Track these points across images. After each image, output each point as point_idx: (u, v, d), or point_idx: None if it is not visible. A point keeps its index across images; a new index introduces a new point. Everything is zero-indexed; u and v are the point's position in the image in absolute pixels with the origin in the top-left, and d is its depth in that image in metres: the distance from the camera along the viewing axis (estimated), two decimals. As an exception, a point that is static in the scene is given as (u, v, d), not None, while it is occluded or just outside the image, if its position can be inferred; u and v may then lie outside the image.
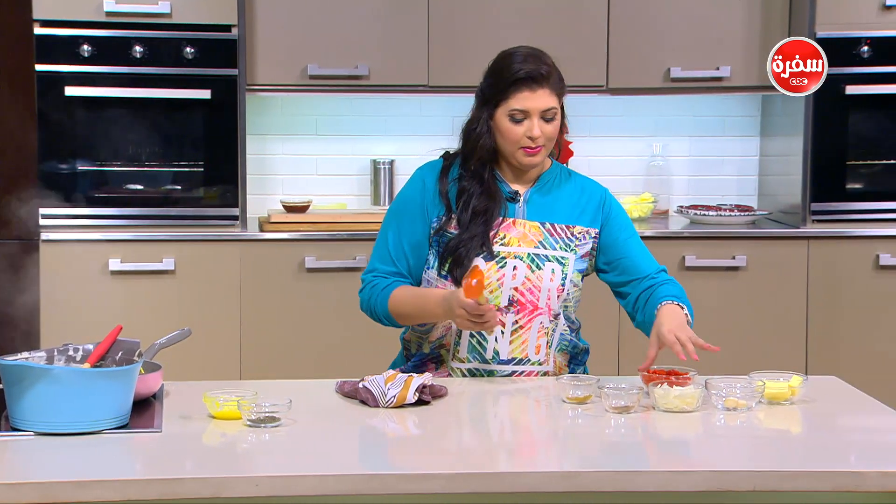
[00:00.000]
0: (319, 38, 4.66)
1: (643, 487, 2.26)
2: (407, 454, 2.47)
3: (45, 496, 2.16)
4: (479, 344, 2.93)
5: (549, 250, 2.95)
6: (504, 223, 2.95)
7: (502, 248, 2.94)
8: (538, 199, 2.98)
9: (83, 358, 2.64)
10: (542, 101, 2.90)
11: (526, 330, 2.93)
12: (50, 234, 4.41)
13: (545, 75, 2.90)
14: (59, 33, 4.38)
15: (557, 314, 2.96)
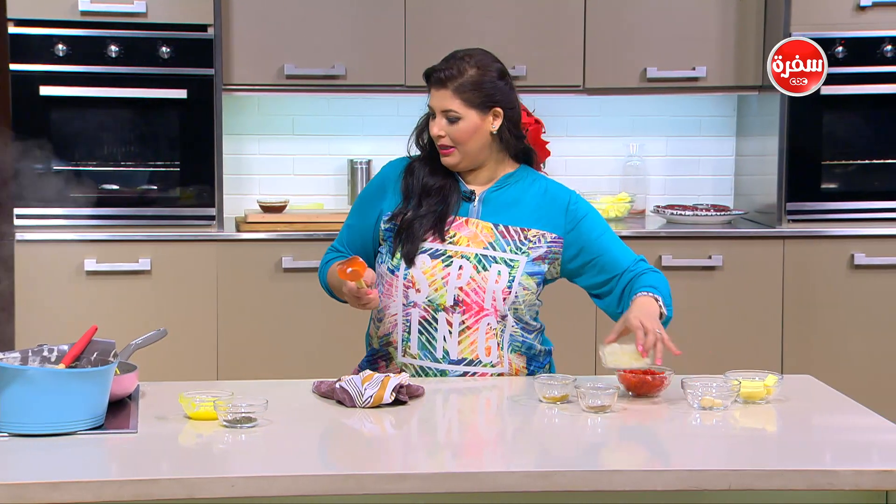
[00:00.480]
0: (296, 37, 4.65)
1: (619, 487, 2.27)
2: (383, 454, 2.47)
3: (18, 497, 2.15)
4: (429, 342, 2.95)
5: (497, 252, 2.95)
6: (457, 222, 2.97)
7: (450, 246, 2.95)
8: (495, 200, 2.99)
9: (58, 359, 2.63)
10: (442, 102, 2.95)
11: (473, 331, 2.94)
12: (25, 235, 4.39)
13: (446, 78, 2.94)
14: (33, 32, 4.36)
15: (505, 316, 2.96)
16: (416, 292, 2.93)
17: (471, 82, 2.94)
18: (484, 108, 2.94)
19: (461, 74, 2.93)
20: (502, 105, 2.97)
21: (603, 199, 4.96)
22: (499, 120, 2.97)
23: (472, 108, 2.93)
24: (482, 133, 2.95)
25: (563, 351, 4.20)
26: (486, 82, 2.95)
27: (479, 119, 2.94)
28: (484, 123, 2.95)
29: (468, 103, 2.93)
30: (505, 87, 2.99)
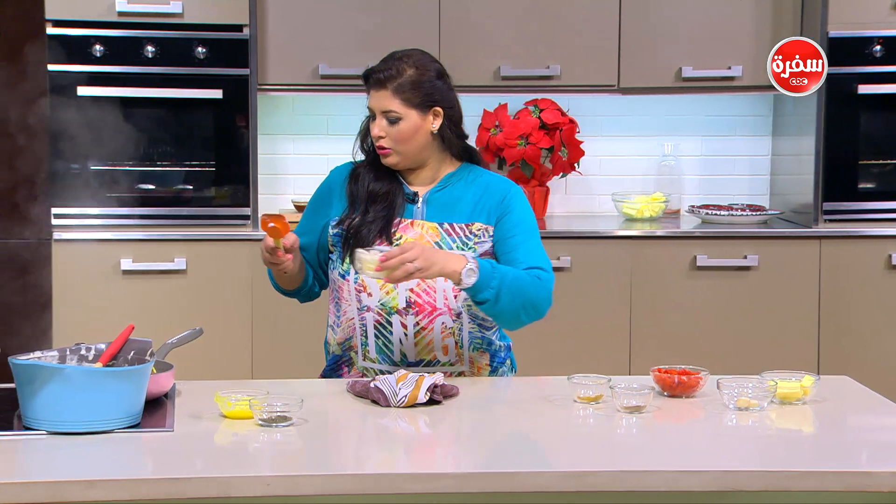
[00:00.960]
0: (330, 37, 4.66)
1: (654, 487, 2.26)
2: (417, 454, 2.47)
3: (55, 495, 2.17)
4: (386, 346, 2.95)
5: (445, 251, 2.93)
6: (402, 224, 2.97)
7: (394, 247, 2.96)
8: (438, 200, 2.99)
9: (95, 357, 2.64)
10: (382, 103, 2.94)
11: (428, 331, 2.94)
12: (62, 234, 4.42)
13: (385, 78, 2.94)
14: (71, 33, 4.39)
15: (460, 313, 2.95)
16: (368, 296, 2.94)
17: (410, 82, 2.93)
18: (424, 107, 2.94)
19: (400, 74, 2.93)
20: (442, 104, 2.96)
21: (637, 199, 4.95)
22: (439, 119, 2.96)
23: (412, 108, 2.93)
24: (423, 133, 2.95)
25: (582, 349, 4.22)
26: (425, 82, 2.94)
27: (420, 119, 2.94)
28: (424, 123, 2.95)
29: (408, 103, 2.93)
30: (444, 86, 2.98)
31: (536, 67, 4.75)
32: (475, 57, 4.73)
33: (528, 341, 4.60)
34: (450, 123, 2.98)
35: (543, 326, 4.58)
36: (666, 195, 4.98)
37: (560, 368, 4.42)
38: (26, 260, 4.35)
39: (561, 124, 4.90)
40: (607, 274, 4.63)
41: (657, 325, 4.64)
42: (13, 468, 2.31)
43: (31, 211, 4.36)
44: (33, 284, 4.35)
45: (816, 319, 4.68)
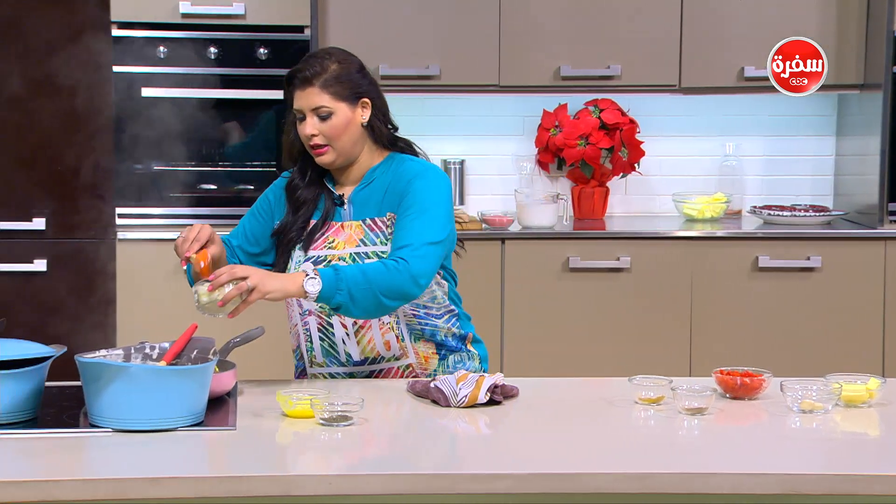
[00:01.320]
0: (391, 38, 4.67)
1: (717, 489, 2.24)
2: (477, 454, 2.47)
3: (120, 493, 2.19)
4: (332, 347, 2.95)
5: (369, 247, 2.93)
6: (333, 227, 2.96)
7: (329, 251, 2.94)
8: (362, 198, 2.98)
9: (159, 356, 2.67)
10: (311, 100, 2.91)
11: (367, 329, 2.93)
12: (126, 234, 4.47)
13: (311, 76, 2.91)
14: (135, 35, 4.44)
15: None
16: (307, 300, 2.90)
17: (335, 76, 2.92)
18: (353, 99, 2.93)
19: (325, 70, 2.91)
20: (369, 96, 2.95)
21: (698, 200, 4.92)
22: (368, 111, 2.95)
23: (341, 100, 2.91)
24: (354, 126, 2.93)
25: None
26: (350, 74, 2.93)
27: (350, 111, 2.93)
28: (355, 115, 2.93)
29: (337, 96, 2.91)
30: (367, 79, 2.98)
31: (597, 67, 4.73)
32: (535, 57, 4.72)
33: (588, 342, 4.60)
34: (378, 114, 2.97)
35: (603, 327, 4.59)
36: (727, 195, 4.94)
37: (620, 369, 4.40)
38: (91, 259, 4.40)
39: (621, 124, 4.87)
40: (667, 275, 4.61)
41: (718, 327, 4.61)
42: (79, 465, 2.34)
43: (96, 211, 4.41)
44: (98, 283, 4.40)
45: (881, 321, 4.62)
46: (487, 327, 4.58)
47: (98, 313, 4.29)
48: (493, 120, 5.07)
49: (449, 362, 3.00)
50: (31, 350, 2.55)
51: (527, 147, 5.05)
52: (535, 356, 4.59)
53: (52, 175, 4.39)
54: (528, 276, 4.59)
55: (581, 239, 4.63)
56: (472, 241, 4.59)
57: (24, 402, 2.50)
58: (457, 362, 3.01)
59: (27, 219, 4.39)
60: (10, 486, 2.17)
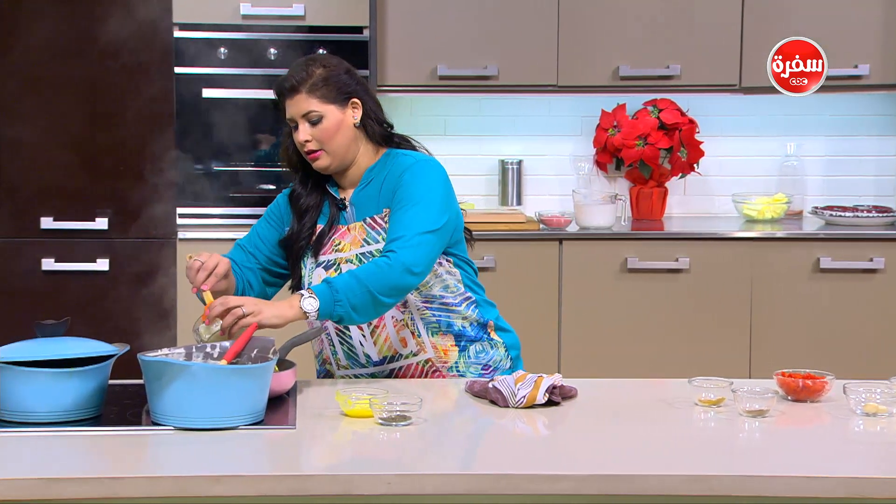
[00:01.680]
0: (449, 38, 4.68)
1: (779, 493, 2.22)
2: (536, 455, 2.47)
3: (182, 490, 2.21)
4: (351, 350, 2.96)
5: (372, 245, 2.92)
6: (340, 231, 2.97)
7: (337, 255, 2.94)
8: (362, 199, 2.97)
9: (220, 355, 2.69)
10: (300, 107, 2.91)
11: (381, 328, 2.93)
12: (186, 233, 4.51)
13: (297, 83, 2.91)
14: (196, 36, 4.48)
15: (405, 302, 2.92)
16: None
17: (322, 79, 2.91)
18: (342, 101, 2.92)
19: (310, 76, 2.91)
20: (358, 95, 2.95)
21: (759, 200, 4.88)
22: (358, 111, 2.94)
23: (330, 103, 2.91)
24: (346, 127, 2.93)
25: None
26: (336, 76, 2.93)
27: (340, 113, 2.92)
28: (346, 117, 2.93)
29: (325, 99, 2.91)
30: (354, 79, 2.96)
31: (656, 67, 4.71)
32: (594, 57, 4.71)
33: (646, 343, 4.57)
34: (370, 113, 2.97)
35: (662, 328, 4.56)
36: (788, 196, 4.90)
37: (678, 371, 4.37)
38: (153, 259, 4.44)
39: (680, 124, 4.85)
40: (727, 276, 4.57)
41: (779, 329, 4.57)
42: (142, 463, 2.37)
43: (157, 211, 4.46)
44: (159, 283, 4.44)
45: (946, 324, 4.56)
46: (545, 328, 4.58)
47: (159, 312, 4.33)
48: (551, 120, 5.06)
49: (470, 353, 2.99)
50: (95, 348, 2.59)
51: (585, 147, 5.04)
52: (593, 357, 4.58)
53: (114, 175, 4.44)
54: (586, 277, 4.58)
55: (639, 240, 4.61)
56: (530, 242, 4.59)
57: (89, 399, 2.54)
58: (479, 352, 3.00)
59: (90, 219, 4.45)
60: (75, 482, 2.20)
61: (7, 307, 4.43)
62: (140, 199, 4.44)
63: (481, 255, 4.54)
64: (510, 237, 4.56)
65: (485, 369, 3.00)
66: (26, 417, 2.49)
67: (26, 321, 2.78)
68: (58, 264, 4.44)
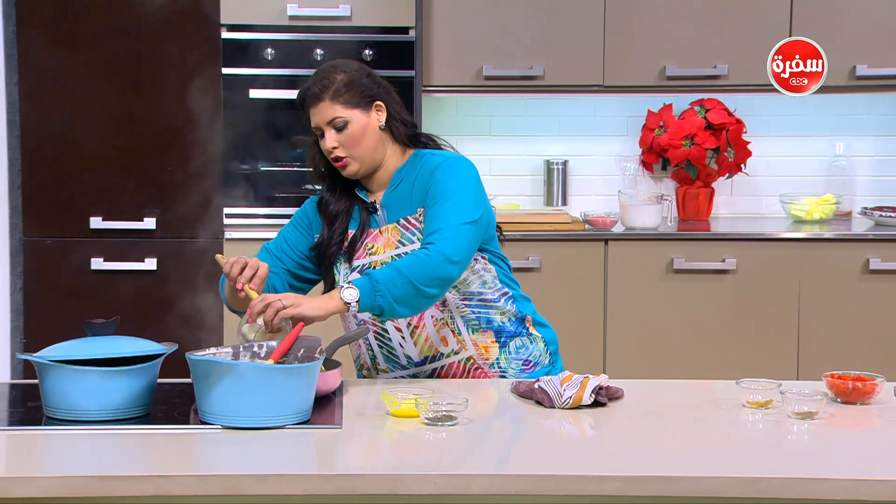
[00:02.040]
0: (494, 38, 4.68)
1: (828, 495, 2.20)
2: (583, 455, 2.46)
3: (230, 489, 2.22)
4: (391, 353, 2.95)
5: (407, 246, 2.92)
6: (371, 234, 2.96)
7: (371, 258, 2.94)
8: (392, 201, 2.97)
9: (267, 354, 2.70)
10: (324, 114, 2.91)
11: (422, 328, 2.92)
12: (233, 233, 4.53)
13: (320, 90, 2.91)
14: (244, 37, 4.51)
15: (444, 301, 2.92)
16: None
17: (344, 84, 2.91)
18: (365, 105, 2.92)
19: (332, 82, 2.91)
20: (381, 98, 2.94)
21: (807, 201, 4.84)
22: (382, 113, 2.94)
23: (354, 108, 2.91)
24: (371, 130, 2.93)
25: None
26: (358, 80, 2.93)
27: (365, 117, 2.92)
28: (370, 120, 2.93)
29: (349, 104, 2.91)
30: (376, 82, 2.96)
31: (703, 67, 4.68)
32: (640, 57, 4.69)
33: (692, 344, 4.55)
34: (394, 115, 2.97)
35: (708, 329, 4.54)
36: (837, 196, 4.86)
37: (725, 372, 4.35)
38: (200, 258, 4.47)
39: (727, 124, 4.82)
40: (774, 277, 4.54)
41: (827, 330, 4.53)
42: (191, 461, 2.38)
43: (204, 210, 4.49)
44: (206, 282, 4.47)
45: None
46: (590, 329, 4.57)
47: (206, 311, 4.36)
48: (596, 120, 5.05)
49: (510, 349, 2.99)
50: (144, 347, 2.61)
51: (630, 147, 5.02)
52: (639, 358, 4.56)
53: (163, 175, 4.47)
54: (632, 278, 4.56)
55: (686, 240, 4.59)
56: (575, 243, 4.58)
57: (138, 398, 2.56)
58: (518, 347, 3.00)
59: (138, 218, 4.48)
60: (125, 480, 2.22)
61: (57, 306, 4.48)
62: (187, 199, 4.47)
63: (526, 256, 4.53)
64: (555, 238, 4.56)
65: (525, 365, 3.00)
66: (77, 416, 2.52)
67: (76, 320, 2.80)
68: (106, 263, 4.48)
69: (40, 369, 2.55)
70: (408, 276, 2.75)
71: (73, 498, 2.21)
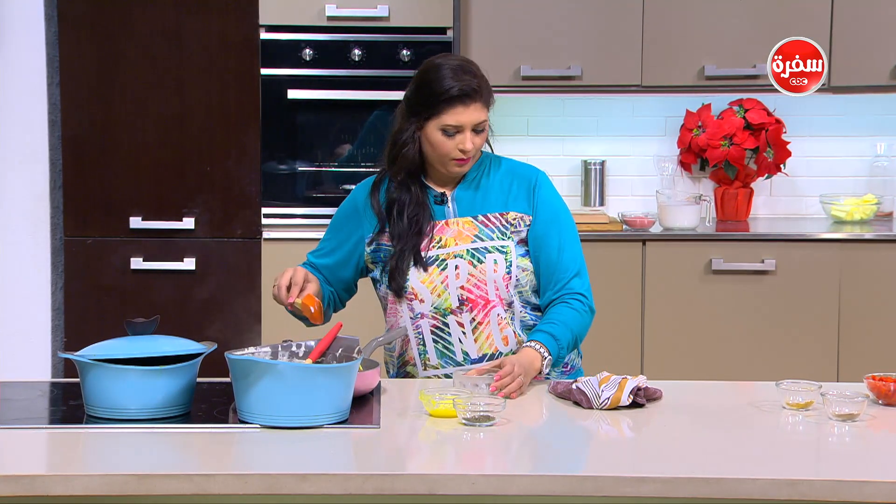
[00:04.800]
0: (532, 38, 4.67)
1: (869, 498, 2.19)
2: (621, 456, 2.45)
3: (270, 488, 2.23)
4: (446, 348, 2.94)
5: (486, 241, 2.92)
6: (437, 226, 2.95)
7: (440, 250, 2.93)
8: (466, 196, 2.97)
9: (305, 354, 2.71)
10: (475, 116, 2.89)
11: (485, 325, 2.92)
12: (271, 233, 4.55)
13: (477, 90, 2.89)
14: (282, 38, 4.52)
15: (511, 302, 2.93)
16: (421, 303, 2.92)
17: (487, 87, 2.94)
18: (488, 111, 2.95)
19: (483, 82, 2.92)
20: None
21: (847, 201, 4.80)
22: None
23: (488, 110, 2.94)
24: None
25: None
26: (489, 85, 2.95)
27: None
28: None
29: (488, 107, 2.93)
30: None
31: (742, 67, 4.66)
32: (679, 57, 4.67)
33: (731, 345, 4.52)
34: None
35: (747, 330, 4.51)
36: (878, 197, 4.82)
37: (764, 374, 4.32)
38: (238, 258, 4.49)
39: (767, 124, 4.79)
40: (815, 277, 4.51)
41: (868, 332, 4.49)
42: (231, 460, 2.39)
43: (242, 211, 4.51)
44: (244, 282, 4.49)
45: None
46: (628, 329, 4.55)
47: (244, 311, 4.38)
48: (634, 120, 5.03)
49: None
50: (183, 347, 2.62)
51: (669, 147, 5.00)
52: (677, 359, 4.54)
53: (201, 176, 4.50)
54: (670, 278, 4.54)
55: (724, 241, 4.56)
56: (613, 243, 4.57)
57: (178, 396, 2.57)
58: None
59: (178, 218, 4.51)
60: (165, 479, 2.23)
61: (98, 305, 4.51)
62: (226, 199, 4.49)
63: (564, 256, 4.52)
64: (593, 238, 4.54)
65: (564, 367, 3.01)
66: (117, 414, 2.53)
67: (116, 319, 2.83)
68: (146, 263, 4.51)
69: (81, 368, 2.57)
70: (578, 333, 2.93)
71: (113, 496, 2.23)
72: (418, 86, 2.95)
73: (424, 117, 2.92)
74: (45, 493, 2.22)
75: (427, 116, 2.91)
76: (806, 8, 4.63)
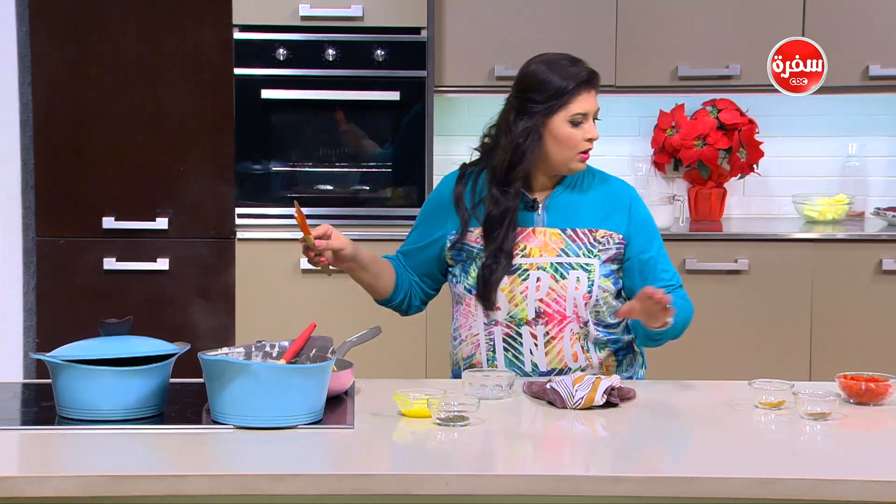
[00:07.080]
0: (506, 39, 4.67)
1: (843, 496, 2.20)
2: (596, 456, 2.46)
3: (244, 488, 2.22)
4: (516, 358, 2.92)
5: (571, 258, 2.89)
6: (524, 233, 2.91)
7: (524, 259, 2.90)
8: (559, 205, 2.93)
9: (279, 354, 2.70)
10: (595, 103, 2.92)
11: (558, 340, 2.90)
12: (245, 233, 4.54)
13: (596, 74, 2.92)
14: (256, 38, 4.51)
15: (587, 321, 2.91)
16: (497, 310, 2.91)
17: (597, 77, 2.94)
18: None
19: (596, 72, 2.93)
20: None
21: (819, 201, 4.83)
22: None
23: None
24: None
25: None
26: None
27: None
28: None
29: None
30: None
31: (716, 67, 4.67)
32: (652, 57, 4.68)
33: (705, 345, 4.54)
34: None
35: (720, 330, 4.53)
36: (850, 197, 4.85)
37: (737, 373, 4.34)
38: (212, 258, 4.48)
39: (740, 125, 4.81)
40: (787, 277, 4.53)
41: (840, 331, 4.52)
42: (204, 461, 2.38)
43: (216, 211, 4.49)
44: (218, 282, 4.47)
45: None
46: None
47: (218, 311, 4.36)
48: (608, 120, 4.99)
49: (623, 365, 3.01)
50: (156, 347, 2.61)
51: (643, 148, 5.01)
52: (649, 358, 4.54)
53: (174, 176, 4.48)
54: (644, 278, 4.55)
55: (698, 241, 4.58)
56: (588, 243, 4.57)
57: (151, 397, 2.56)
58: (629, 365, 3.03)
59: (151, 218, 4.49)
60: (138, 479, 2.22)
61: (70, 306, 4.48)
62: (199, 199, 4.47)
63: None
64: (567, 238, 4.54)
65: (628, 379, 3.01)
66: (90, 415, 2.52)
67: (89, 320, 2.81)
68: (119, 263, 4.49)
69: (53, 369, 2.56)
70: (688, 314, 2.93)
71: (86, 497, 2.21)
72: (537, 83, 2.89)
73: (547, 113, 2.87)
74: (17, 495, 2.20)
75: (552, 110, 2.86)
76: (778, 9, 4.65)
